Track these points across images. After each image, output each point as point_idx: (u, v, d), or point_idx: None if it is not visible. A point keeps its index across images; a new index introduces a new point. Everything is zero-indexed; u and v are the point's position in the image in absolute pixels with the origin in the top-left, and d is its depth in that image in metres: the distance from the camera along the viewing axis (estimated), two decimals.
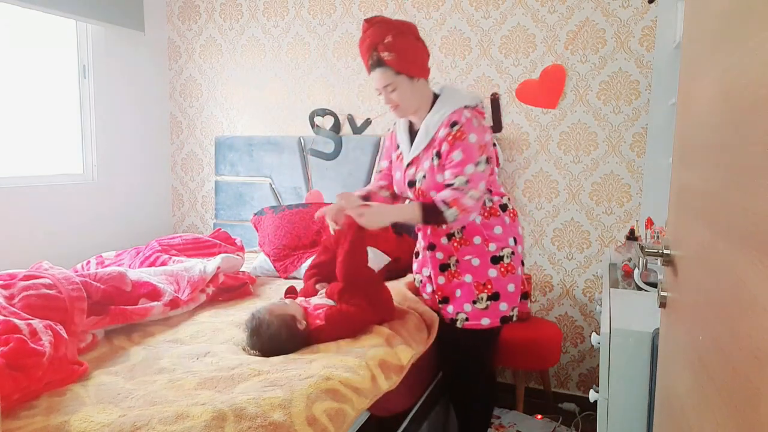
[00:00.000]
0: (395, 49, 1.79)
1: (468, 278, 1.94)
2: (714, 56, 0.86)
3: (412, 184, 1.96)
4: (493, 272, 1.93)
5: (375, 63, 1.83)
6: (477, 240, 1.92)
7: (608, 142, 2.66)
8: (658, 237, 2.12)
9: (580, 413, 2.67)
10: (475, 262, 1.93)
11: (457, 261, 1.95)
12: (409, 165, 1.97)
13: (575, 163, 2.72)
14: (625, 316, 1.59)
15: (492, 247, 1.93)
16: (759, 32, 0.63)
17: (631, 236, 2.35)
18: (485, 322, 1.93)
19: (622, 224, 2.67)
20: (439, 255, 1.98)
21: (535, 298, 2.86)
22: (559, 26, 2.68)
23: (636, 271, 2.01)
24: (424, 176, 1.90)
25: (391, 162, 2.12)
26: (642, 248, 1.27)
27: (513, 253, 1.96)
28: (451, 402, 2.21)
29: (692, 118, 1.02)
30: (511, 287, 1.95)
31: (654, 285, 1.89)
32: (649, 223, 2.20)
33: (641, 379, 1.48)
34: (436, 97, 1.96)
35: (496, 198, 1.96)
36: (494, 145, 1.98)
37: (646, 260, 2.00)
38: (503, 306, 1.94)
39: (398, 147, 2.06)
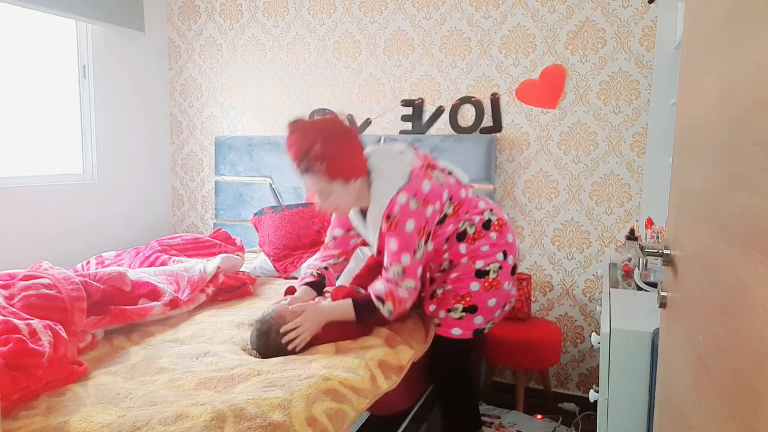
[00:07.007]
0: (326, 157, 1.65)
1: (449, 286, 1.91)
2: (714, 56, 0.86)
3: None
4: (475, 285, 1.88)
5: (305, 170, 1.70)
6: (464, 260, 1.89)
7: (608, 142, 2.66)
8: (658, 237, 2.12)
9: (580, 413, 2.67)
10: (461, 274, 1.90)
11: (445, 283, 1.93)
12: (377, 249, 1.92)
13: (575, 163, 2.72)
14: (625, 316, 1.58)
15: (479, 264, 1.88)
16: (759, 32, 0.63)
17: (631, 236, 2.35)
18: (456, 332, 1.89)
19: (622, 224, 2.67)
20: (438, 291, 1.96)
21: (535, 298, 2.86)
22: (559, 26, 2.68)
23: (636, 271, 2.01)
24: None
25: (347, 231, 2.03)
26: (642, 248, 1.27)
27: (501, 267, 1.90)
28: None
29: (692, 118, 1.02)
30: (491, 302, 1.89)
31: (654, 285, 1.89)
32: (649, 223, 2.20)
33: (641, 379, 1.48)
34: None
35: (476, 218, 1.89)
36: (449, 173, 1.90)
37: (646, 260, 2.00)
38: (478, 319, 1.90)
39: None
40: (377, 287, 1.78)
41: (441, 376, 2.02)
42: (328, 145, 1.66)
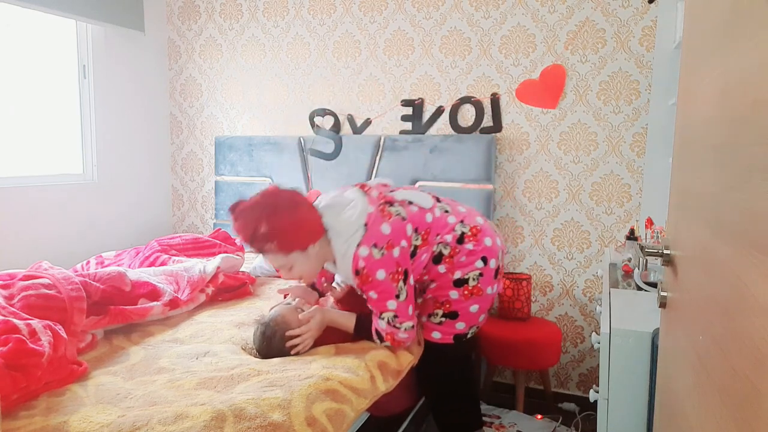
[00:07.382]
0: (275, 235, 1.61)
1: (429, 296, 1.90)
2: (714, 56, 0.86)
3: None
4: (454, 294, 1.85)
5: (259, 251, 1.67)
6: (442, 271, 1.87)
7: (608, 142, 2.66)
8: (658, 237, 2.12)
9: (580, 413, 2.67)
10: (439, 284, 1.88)
11: (425, 293, 1.93)
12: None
13: (575, 163, 2.72)
14: (625, 316, 1.58)
15: (457, 274, 1.85)
16: (759, 32, 0.63)
17: (631, 236, 2.34)
18: (435, 336, 1.88)
19: (622, 224, 2.67)
20: (418, 300, 1.96)
21: (535, 298, 2.86)
22: (559, 26, 2.68)
23: (636, 271, 2.01)
24: None
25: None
26: (642, 248, 1.27)
27: (481, 274, 1.85)
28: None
29: (692, 118, 1.02)
30: (474, 308, 1.86)
31: (654, 285, 1.89)
32: (649, 223, 2.20)
33: (641, 379, 1.48)
34: None
35: (449, 237, 1.83)
36: (410, 203, 1.83)
37: (646, 260, 2.00)
38: (460, 325, 1.87)
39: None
40: (381, 325, 1.75)
41: (427, 380, 2.00)
42: (274, 222, 1.60)
